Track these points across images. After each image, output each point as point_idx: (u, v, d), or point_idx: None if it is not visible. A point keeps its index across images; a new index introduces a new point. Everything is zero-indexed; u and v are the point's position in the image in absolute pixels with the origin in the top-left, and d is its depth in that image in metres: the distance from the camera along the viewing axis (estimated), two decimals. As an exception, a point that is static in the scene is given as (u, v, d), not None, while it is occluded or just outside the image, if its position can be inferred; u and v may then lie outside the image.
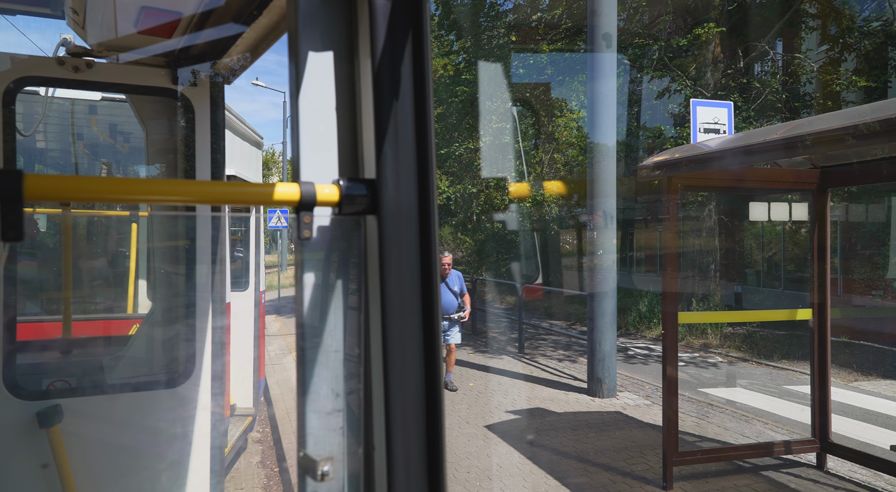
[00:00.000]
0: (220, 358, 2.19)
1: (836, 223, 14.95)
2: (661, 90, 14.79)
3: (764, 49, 13.57)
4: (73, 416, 1.94)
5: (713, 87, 13.34)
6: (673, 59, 13.68)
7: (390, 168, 0.80)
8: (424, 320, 0.81)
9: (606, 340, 7.48)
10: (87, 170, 5.41)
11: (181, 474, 2.09)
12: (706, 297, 13.47)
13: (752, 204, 6.69)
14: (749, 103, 13.27)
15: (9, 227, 0.64)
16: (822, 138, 3.30)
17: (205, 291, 2.15)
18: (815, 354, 4.98)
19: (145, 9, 1.64)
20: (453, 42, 17.16)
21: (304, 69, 0.86)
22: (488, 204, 17.46)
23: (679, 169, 4.42)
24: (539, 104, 18.63)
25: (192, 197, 0.84)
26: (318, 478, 0.82)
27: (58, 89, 3.43)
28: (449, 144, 16.29)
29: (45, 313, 3.98)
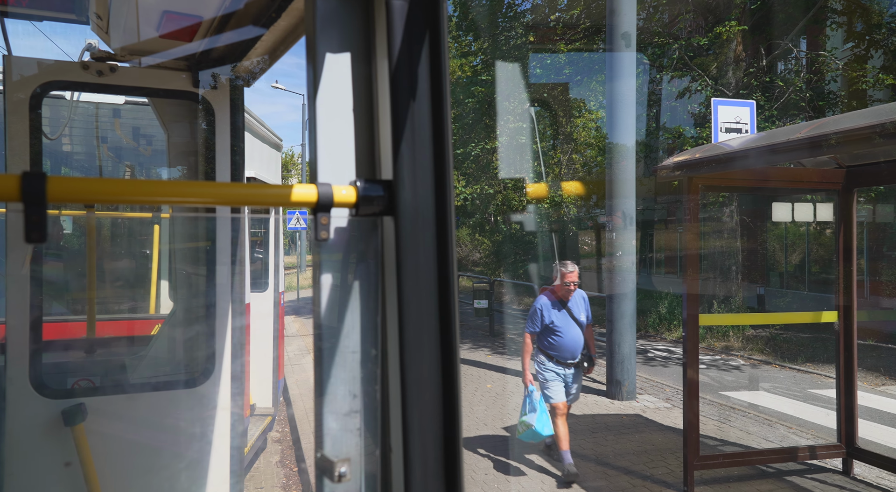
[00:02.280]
0: (239, 358, 2.21)
1: (863, 224, 14.63)
2: (682, 90, 14.62)
3: (787, 47, 13.34)
4: (97, 414, 1.97)
5: (735, 86, 13.15)
6: (693, 58, 13.51)
7: (407, 169, 0.80)
8: (441, 322, 0.81)
9: (626, 342, 7.41)
10: (111, 172, 5.51)
11: (201, 473, 2.12)
12: (728, 299, 13.27)
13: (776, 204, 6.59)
14: (772, 102, 13.05)
15: (32, 228, 0.65)
16: (847, 137, 3.23)
17: (225, 291, 2.17)
18: (841, 357, 4.87)
19: (167, 13, 1.66)
20: (471, 43, 17.15)
21: (321, 71, 0.86)
22: (506, 205, 17.41)
23: (700, 169, 4.36)
24: (557, 104, 18.54)
25: (213, 199, 0.85)
26: (336, 479, 0.82)
27: (82, 93, 3.49)
28: (465, 144, 16.27)
29: (69, 313, 4.06)
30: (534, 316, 4.88)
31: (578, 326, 4.88)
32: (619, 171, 7.42)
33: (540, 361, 4.92)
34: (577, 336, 4.85)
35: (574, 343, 4.83)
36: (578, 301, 4.97)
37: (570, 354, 4.85)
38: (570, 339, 4.83)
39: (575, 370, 4.90)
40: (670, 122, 17.35)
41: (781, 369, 9.73)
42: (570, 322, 4.85)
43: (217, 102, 2.17)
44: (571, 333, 4.84)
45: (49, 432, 1.91)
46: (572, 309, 4.89)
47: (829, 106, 13.50)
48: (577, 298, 4.96)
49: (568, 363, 4.85)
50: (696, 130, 13.85)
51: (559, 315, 4.82)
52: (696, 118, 14.34)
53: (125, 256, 5.47)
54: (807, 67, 14.11)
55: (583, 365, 4.91)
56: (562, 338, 4.79)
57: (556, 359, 4.83)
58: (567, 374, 4.88)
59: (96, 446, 1.95)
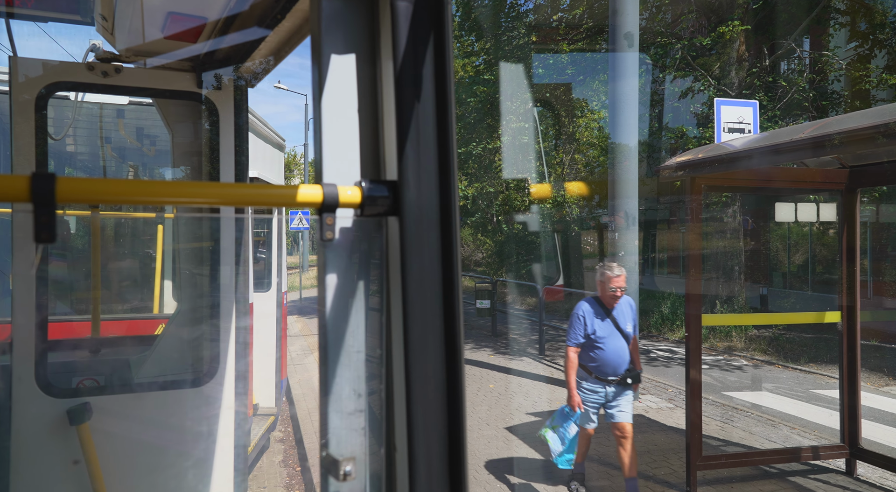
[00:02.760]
0: (243, 358, 2.22)
1: (866, 224, 14.59)
2: (685, 90, 14.59)
3: (790, 47, 13.31)
4: (102, 414, 1.98)
5: (738, 86, 13.13)
6: (696, 58, 13.49)
7: (412, 170, 0.81)
8: (446, 321, 0.81)
9: (628, 343, 7.40)
10: (114, 172, 5.53)
11: (206, 472, 2.12)
12: (730, 299, 13.25)
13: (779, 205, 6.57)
14: (775, 102, 13.02)
15: (42, 228, 0.66)
16: (851, 137, 3.22)
17: (228, 291, 2.17)
18: (845, 357, 4.86)
19: (172, 14, 1.67)
20: (473, 43, 17.15)
21: (326, 71, 0.87)
22: (508, 205, 17.41)
23: (703, 169, 4.36)
24: (560, 104, 18.53)
25: (217, 199, 0.86)
26: (341, 478, 0.82)
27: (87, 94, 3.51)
28: (467, 143, 16.28)
29: (74, 313, 4.07)
30: (576, 325, 4.28)
31: (624, 337, 4.25)
32: (622, 171, 7.42)
33: (579, 377, 4.37)
34: (621, 349, 4.22)
35: (618, 357, 4.21)
36: (625, 309, 4.33)
37: (612, 369, 4.22)
38: (614, 352, 4.21)
39: (616, 388, 4.25)
40: (673, 122, 17.34)
41: (784, 369, 9.71)
42: (614, 333, 4.23)
43: (221, 103, 2.18)
44: (615, 345, 4.22)
45: (55, 430, 1.92)
46: (617, 318, 4.27)
47: (832, 106, 13.47)
48: (623, 305, 4.33)
49: (609, 380, 4.23)
50: (699, 130, 13.83)
51: (602, 325, 4.24)
52: (699, 118, 14.32)
53: (129, 256, 5.49)
54: (810, 67, 14.07)
55: (626, 382, 4.22)
56: (604, 351, 4.21)
57: (596, 375, 4.25)
58: (606, 392, 4.27)
59: (101, 445, 1.96)
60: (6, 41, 2.04)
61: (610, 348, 4.21)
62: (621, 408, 4.26)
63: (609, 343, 4.22)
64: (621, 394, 4.26)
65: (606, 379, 4.24)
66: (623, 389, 4.25)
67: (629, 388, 4.25)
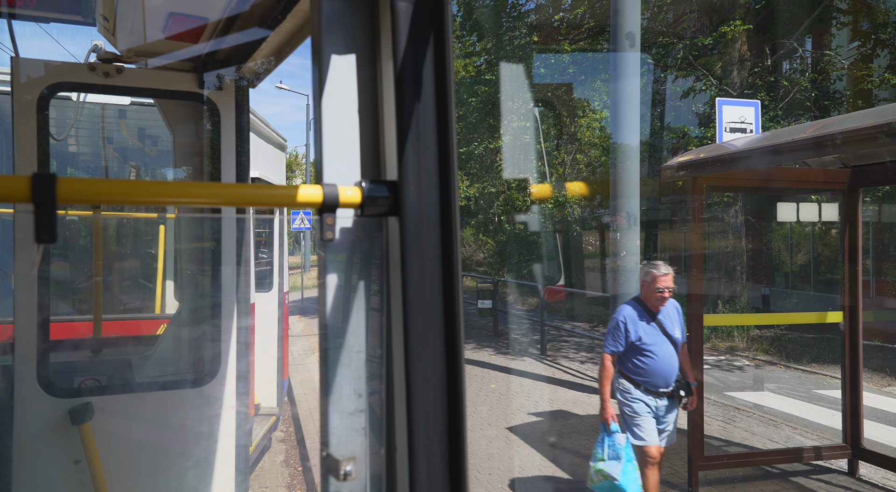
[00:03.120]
0: (244, 358, 2.22)
1: (868, 224, 14.56)
2: (686, 90, 14.58)
3: (792, 46, 13.29)
4: (104, 413, 1.98)
5: (739, 85, 13.11)
6: (698, 57, 13.47)
7: (412, 170, 0.81)
8: (446, 321, 0.81)
9: (630, 343, 7.39)
10: (116, 173, 5.54)
11: (207, 472, 2.13)
12: (732, 299, 13.23)
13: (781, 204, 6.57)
14: (777, 102, 13.01)
15: (42, 229, 0.66)
16: (853, 137, 3.22)
17: (230, 291, 2.18)
18: (847, 357, 4.85)
19: (173, 15, 1.67)
20: (475, 43, 17.15)
21: (327, 72, 0.87)
22: (510, 205, 17.41)
23: (704, 169, 4.36)
24: (561, 104, 18.52)
25: (218, 199, 0.86)
26: (341, 478, 0.82)
27: (89, 94, 3.51)
28: (469, 143, 16.29)
29: (76, 313, 4.08)
30: (616, 331, 3.84)
31: (672, 344, 3.81)
32: (624, 171, 7.41)
33: (623, 389, 3.88)
34: (671, 357, 3.78)
35: (668, 366, 3.76)
36: (671, 313, 3.90)
37: (663, 380, 3.77)
38: (664, 361, 3.75)
39: (668, 402, 3.81)
40: (675, 121, 17.32)
41: (786, 369, 9.70)
42: (662, 339, 3.78)
43: (222, 103, 2.19)
44: (665, 352, 3.76)
45: (56, 430, 1.93)
46: (664, 323, 3.82)
47: (834, 105, 13.45)
48: (669, 308, 3.90)
49: (660, 392, 3.78)
50: (701, 129, 13.81)
51: (649, 330, 3.79)
52: (701, 118, 14.31)
53: (131, 256, 5.50)
54: (812, 67, 14.05)
55: (678, 395, 3.78)
56: (654, 359, 3.75)
57: (645, 387, 3.80)
58: (659, 406, 3.79)
59: (103, 445, 1.96)
60: (8, 42, 2.05)
61: (660, 356, 3.75)
62: (667, 429, 3.84)
63: (658, 351, 3.76)
64: (672, 409, 3.84)
65: (657, 391, 3.78)
66: (674, 402, 3.83)
67: (679, 401, 3.83)
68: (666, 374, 3.77)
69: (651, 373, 3.78)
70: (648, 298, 3.86)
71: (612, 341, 3.87)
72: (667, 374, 3.77)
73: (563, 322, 14.66)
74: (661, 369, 3.76)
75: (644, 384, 3.80)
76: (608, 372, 3.87)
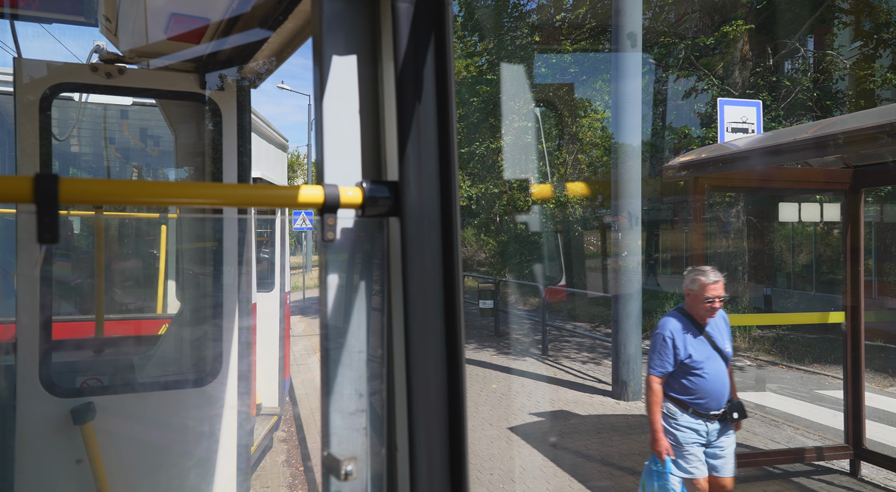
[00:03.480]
0: (246, 358, 2.22)
1: (871, 224, 14.54)
2: (688, 89, 14.57)
3: (794, 46, 13.27)
4: (105, 413, 1.99)
5: (741, 85, 13.10)
6: (700, 57, 13.47)
7: (413, 170, 0.81)
8: (447, 321, 0.81)
9: (631, 343, 7.39)
10: (118, 173, 5.55)
11: (208, 472, 2.13)
12: (734, 299, 13.22)
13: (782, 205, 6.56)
14: (778, 102, 12.99)
15: (45, 229, 0.66)
16: (854, 137, 3.22)
17: (232, 291, 2.18)
18: (849, 357, 4.85)
19: (175, 15, 1.68)
20: (476, 43, 17.16)
21: (328, 72, 0.87)
22: (511, 205, 17.41)
23: (706, 169, 4.36)
24: (562, 104, 18.52)
25: (220, 200, 0.86)
26: (342, 477, 0.82)
27: (91, 95, 3.52)
28: (470, 143, 16.30)
29: (78, 313, 4.09)
30: (662, 348, 3.37)
31: (723, 359, 3.37)
32: (625, 171, 7.41)
33: (668, 413, 3.41)
34: (722, 374, 3.34)
35: (720, 385, 3.31)
36: (720, 325, 3.46)
37: (714, 401, 3.31)
38: (716, 379, 3.30)
39: (720, 425, 3.35)
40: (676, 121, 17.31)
41: (788, 369, 9.69)
42: (713, 355, 3.33)
43: (224, 104, 2.19)
44: (716, 370, 3.31)
45: (58, 430, 1.93)
46: (713, 335, 3.38)
47: (836, 105, 13.43)
48: (718, 320, 3.45)
49: (711, 415, 3.33)
50: (702, 129, 13.81)
51: (697, 345, 3.34)
52: (702, 118, 14.30)
53: (133, 256, 5.51)
54: (814, 67, 14.03)
55: (731, 417, 3.34)
56: (704, 378, 3.31)
57: (695, 410, 3.34)
58: (710, 431, 3.34)
59: (105, 445, 1.97)
60: (11, 42, 2.05)
61: (711, 375, 3.30)
62: (723, 455, 3.38)
63: (709, 369, 3.31)
64: (724, 433, 3.39)
65: (708, 415, 3.33)
66: (726, 426, 3.38)
67: (733, 425, 3.40)
68: (718, 394, 3.31)
69: (702, 394, 3.31)
70: (695, 309, 3.38)
71: (658, 361, 3.37)
72: (719, 394, 3.31)
73: (564, 322, 14.65)
74: (712, 389, 3.30)
75: (693, 407, 3.34)
76: (658, 397, 3.38)
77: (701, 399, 3.32)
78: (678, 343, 3.34)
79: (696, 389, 3.32)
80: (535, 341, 11.60)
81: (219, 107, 2.18)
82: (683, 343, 3.34)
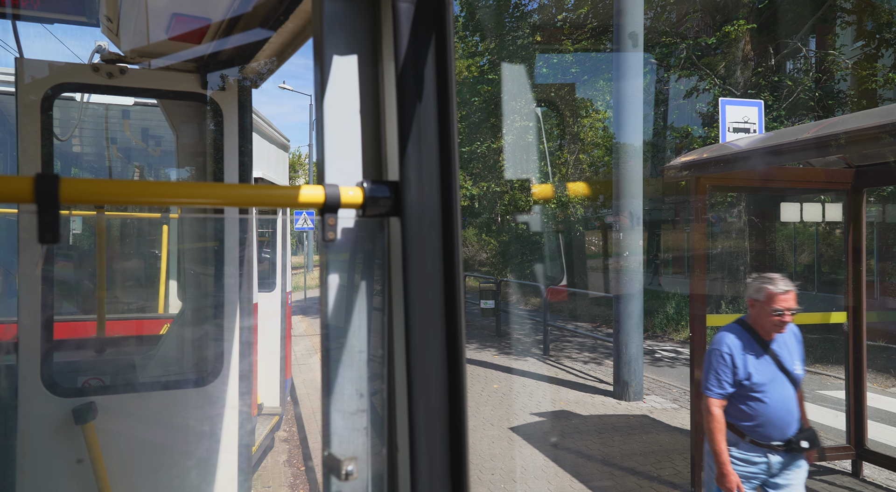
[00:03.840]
0: (247, 358, 2.23)
1: (872, 224, 14.52)
2: (689, 89, 14.56)
3: (796, 46, 13.26)
4: (107, 413, 1.99)
5: (743, 85, 13.09)
6: (701, 57, 13.45)
7: (414, 170, 0.81)
8: (448, 321, 0.81)
9: (633, 343, 7.39)
10: (120, 173, 5.56)
11: (210, 472, 2.13)
12: (736, 299, 13.21)
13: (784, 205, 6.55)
14: (780, 102, 12.98)
15: (45, 229, 0.66)
16: (856, 137, 3.21)
17: (233, 291, 2.18)
18: (851, 358, 4.84)
19: (176, 15, 1.68)
20: (477, 43, 17.17)
21: (329, 72, 0.87)
22: (512, 205, 17.41)
23: (707, 169, 4.35)
24: (564, 104, 18.52)
25: (221, 200, 0.86)
26: (343, 477, 0.82)
27: (92, 95, 3.53)
28: (472, 142, 16.30)
29: (80, 313, 4.09)
30: (721, 368, 2.93)
31: (791, 383, 2.89)
32: (627, 171, 7.41)
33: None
34: (789, 400, 2.87)
35: (786, 412, 2.86)
36: (789, 342, 2.98)
37: (778, 430, 2.86)
38: (781, 404, 2.85)
39: (784, 457, 2.90)
40: (678, 121, 17.31)
41: (790, 369, 9.67)
42: (777, 377, 2.87)
43: (225, 104, 2.19)
44: (782, 394, 2.86)
45: (60, 430, 1.94)
46: (780, 354, 2.91)
47: (838, 105, 13.41)
48: (787, 336, 2.99)
49: (773, 446, 2.88)
50: (704, 129, 13.79)
51: (760, 366, 2.89)
52: (704, 118, 14.29)
53: (134, 256, 5.52)
54: (816, 66, 14.01)
55: (799, 447, 2.87)
56: (767, 404, 2.86)
57: (753, 439, 2.91)
58: (772, 463, 2.90)
59: (106, 444, 1.97)
60: (13, 42, 2.05)
61: (774, 400, 2.85)
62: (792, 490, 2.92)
63: (773, 392, 2.86)
64: (791, 465, 2.92)
65: (770, 445, 2.89)
66: (794, 457, 2.92)
67: (802, 456, 2.93)
68: (782, 422, 2.85)
69: (763, 421, 2.87)
70: (760, 323, 2.93)
71: (715, 382, 2.93)
72: (783, 422, 2.85)
73: (565, 322, 14.65)
74: (775, 416, 2.85)
75: (752, 436, 2.91)
76: (720, 424, 2.92)
77: (761, 428, 2.88)
78: (737, 361, 2.91)
79: (756, 415, 2.88)
80: (537, 341, 11.59)
81: (220, 107, 2.19)
82: (743, 362, 2.90)
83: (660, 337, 13.06)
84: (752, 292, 2.99)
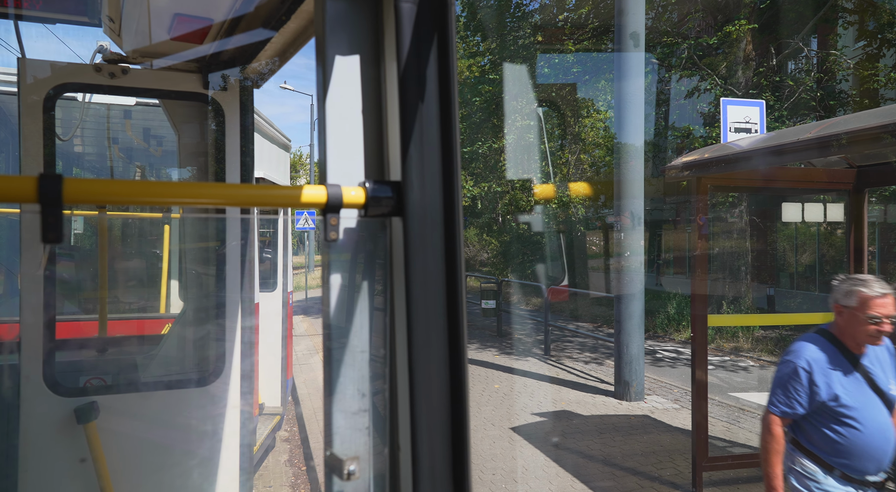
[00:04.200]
0: (248, 357, 2.23)
1: (874, 224, 14.50)
2: (691, 89, 14.55)
3: (798, 46, 13.24)
4: (109, 412, 1.99)
5: (744, 85, 13.08)
6: (703, 57, 13.44)
7: (416, 170, 0.81)
8: (449, 321, 0.81)
9: (634, 343, 7.39)
10: (121, 173, 5.57)
11: (211, 471, 2.14)
12: (737, 299, 13.20)
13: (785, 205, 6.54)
14: (782, 102, 12.97)
15: (49, 229, 0.67)
16: (858, 137, 3.21)
17: (234, 291, 2.19)
18: (852, 358, 4.82)
19: (178, 16, 1.68)
20: (479, 43, 17.17)
21: (331, 72, 0.87)
22: (514, 205, 17.41)
23: (709, 169, 4.35)
24: (565, 104, 18.51)
25: (222, 200, 0.86)
26: (345, 477, 0.83)
27: (94, 95, 3.53)
28: (473, 142, 16.31)
29: (82, 312, 4.10)
30: (791, 382, 2.50)
31: (886, 406, 2.44)
32: (628, 171, 7.40)
33: (805, 472, 2.52)
34: (885, 427, 2.42)
35: (882, 440, 2.40)
36: (883, 357, 2.54)
37: (873, 463, 2.41)
38: (875, 431, 2.40)
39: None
40: (679, 121, 17.29)
41: (791, 370, 9.65)
42: (870, 399, 2.43)
43: (227, 104, 2.20)
44: (876, 419, 2.41)
45: (62, 429, 1.94)
46: (872, 371, 2.47)
47: (840, 105, 13.39)
48: (881, 351, 2.54)
49: (867, 481, 2.43)
50: (705, 129, 13.78)
51: (849, 384, 2.44)
52: (706, 118, 14.27)
53: (136, 256, 5.52)
54: (817, 66, 14.00)
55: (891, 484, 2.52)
56: (858, 430, 2.41)
57: (843, 473, 2.44)
58: None
59: (108, 444, 1.97)
60: (15, 43, 2.06)
61: (868, 426, 2.39)
62: None
63: (865, 417, 2.40)
64: None
65: (863, 480, 2.43)
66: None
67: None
68: (878, 452, 2.40)
69: (853, 451, 2.41)
70: (850, 333, 2.46)
71: (783, 397, 2.51)
72: (879, 452, 2.40)
73: (566, 322, 14.64)
74: (869, 445, 2.39)
75: (841, 468, 2.44)
76: (778, 444, 2.52)
77: (851, 459, 2.42)
78: (817, 378, 2.44)
79: (846, 443, 2.42)
80: (538, 341, 11.59)
81: (222, 107, 2.19)
82: (826, 379, 2.44)
83: (661, 337, 13.05)
84: (840, 297, 2.51)
